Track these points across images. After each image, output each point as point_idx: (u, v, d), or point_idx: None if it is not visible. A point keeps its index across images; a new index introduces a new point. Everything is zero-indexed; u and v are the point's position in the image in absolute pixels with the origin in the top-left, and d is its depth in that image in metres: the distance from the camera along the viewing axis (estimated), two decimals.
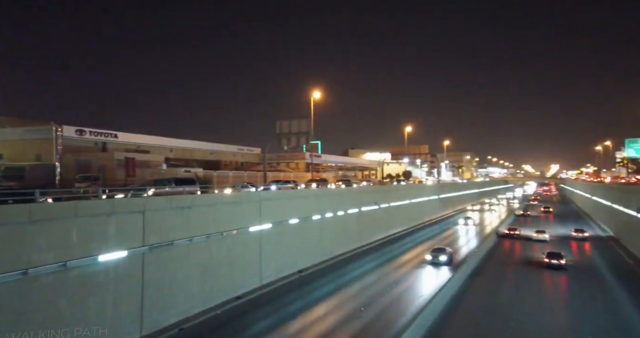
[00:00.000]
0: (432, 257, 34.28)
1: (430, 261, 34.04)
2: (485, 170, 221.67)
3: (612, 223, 50.83)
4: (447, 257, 34.01)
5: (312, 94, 46.07)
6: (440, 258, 33.83)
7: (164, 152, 57.48)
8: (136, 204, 19.43)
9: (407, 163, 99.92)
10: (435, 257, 34.21)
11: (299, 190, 35.86)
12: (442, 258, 33.83)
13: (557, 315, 22.02)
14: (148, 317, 19.30)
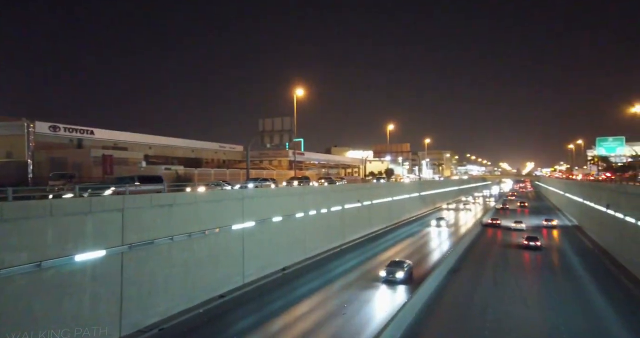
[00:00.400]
0: (387, 273, 27.78)
1: (385, 278, 27.65)
2: (465, 168, 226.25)
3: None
4: (404, 273, 27.70)
5: (295, 91, 45.91)
6: (397, 275, 27.44)
7: (143, 149, 56.18)
8: (115, 202, 18.91)
9: (389, 161, 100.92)
10: (390, 272, 27.73)
11: (283, 188, 35.66)
12: (398, 275, 27.45)
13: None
14: (127, 317, 18.88)
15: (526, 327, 19.82)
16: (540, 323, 20.19)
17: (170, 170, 40.75)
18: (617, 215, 32.50)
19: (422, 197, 76.37)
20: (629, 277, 28.31)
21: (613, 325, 19.94)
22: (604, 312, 22.02)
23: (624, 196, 31.62)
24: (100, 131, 52.46)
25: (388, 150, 78.88)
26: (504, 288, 26.65)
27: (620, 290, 26.00)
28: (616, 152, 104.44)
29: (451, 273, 29.84)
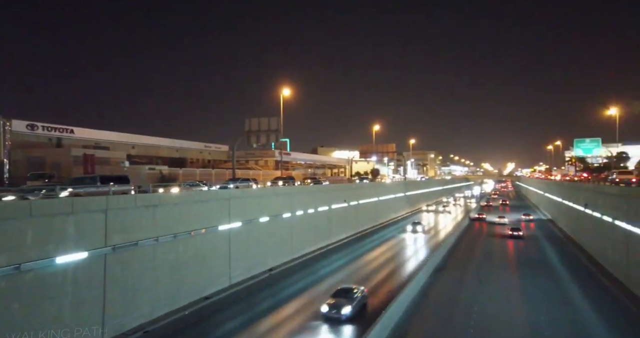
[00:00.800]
0: (330, 308, 20.64)
1: (326, 314, 20.62)
2: (448, 168, 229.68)
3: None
4: (351, 308, 20.49)
5: (281, 92, 45.74)
6: (343, 311, 20.34)
7: (125, 149, 55.09)
8: (98, 203, 18.42)
9: (375, 161, 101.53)
10: (334, 308, 20.54)
11: (270, 188, 35.35)
12: (344, 311, 20.35)
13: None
14: (110, 319, 18.42)
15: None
16: None
17: (154, 170, 40.04)
18: (595, 214, 33.47)
19: (407, 197, 77.08)
20: (590, 259, 32.95)
21: (582, 309, 22.28)
22: (574, 294, 24.48)
23: (601, 196, 32.56)
24: (80, 130, 51.20)
25: (374, 151, 79.30)
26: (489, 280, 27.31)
27: (581, 266, 31.71)
28: (593, 153, 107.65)
29: (436, 272, 30.19)
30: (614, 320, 19.77)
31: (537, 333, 18.64)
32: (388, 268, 32.15)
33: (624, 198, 26.13)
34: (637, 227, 23.25)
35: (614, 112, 52.56)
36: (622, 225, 25.67)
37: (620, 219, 26.14)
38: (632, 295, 23.40)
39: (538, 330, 18.86)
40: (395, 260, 35.38)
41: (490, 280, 27.81)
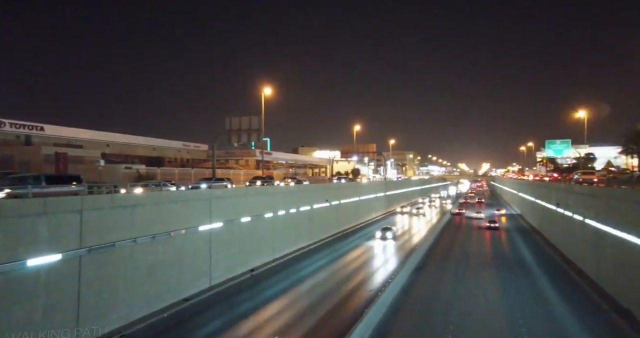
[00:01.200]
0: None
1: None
2: (426, 168, 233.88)
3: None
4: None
5: (262, 91, 45.35)
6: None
7: (100, 147, 53.47)
8: (72, 203, 17.78)
9: (355, 161, 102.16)
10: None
11: (251, 188, 34.99)
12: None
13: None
14: (85, 323, 17.81)
15: None
16: None
17: (130, 169, 39.01)
18: (566, 213, 34.73)
19: (387, 197, 77.90)
20: (562, 256, 34.82)
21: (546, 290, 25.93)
22: (548, 291, 25.62)
23: (572, 195, 33.82)
24: (51, 127, 49.38)
25: (355, 151, 79.76)
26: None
27: (552, 262, 34.12)
28: (563, 154, 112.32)
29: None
30: (586, 316, 20.52)
31: (514, 326, 19.16)
32: (370, 268, 32.37)
33: (593, 197, 27.22)
34: (605, 225, 24.25)
35: (583, 114, 54.72)
36: (592, 224, 26.74)
37: (590, 218, 27.23)
38: (602, 292, 24.35)
39: (514, 325, 19.39)
40: (377, 259, 35.66)
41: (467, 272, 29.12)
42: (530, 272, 30.32)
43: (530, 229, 55.08)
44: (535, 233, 50.81)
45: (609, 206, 23.91)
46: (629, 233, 20.54)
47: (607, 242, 24.01)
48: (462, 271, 30.49)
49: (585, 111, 54.42)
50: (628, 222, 20.88)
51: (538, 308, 21.59)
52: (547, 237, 44.45)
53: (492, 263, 33.75)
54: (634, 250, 20.02)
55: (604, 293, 23.75)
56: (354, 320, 18.68)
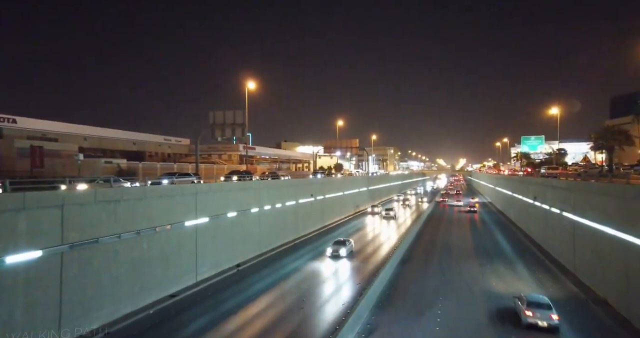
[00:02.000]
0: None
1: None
2: (406, 163, 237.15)
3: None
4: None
5: (246, 85, 44.77)
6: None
7: (77, 141, 51.74)
8: (53, 198, 17.18)
9: (338, 156, 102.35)
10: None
11: (236, 182, 34.43)
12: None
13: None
14: (68, 322, 17.36)
15: None
16: None
17: (111, 164, 37.90)
18: (544, 206, 35.87)
19: (370, 191, 78.52)
20: (539, 248, 35.94)
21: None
22: (528, 282, 25.31)
23: (550, 189, 34.88)
24: (24, 120, 47.52)
25: (338, 146, 79.88)
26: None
27: (530, 253, 34.83)
28: (537, 149, 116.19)
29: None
30: (567, 306, 21.20)
31: (499, 316, 19.70)
32: (357, 261, 32.55)
33: (570, 191, 28.16)
34: (582, 217, 25.16)
35: (556, 112, 56.38)
36: (570, 216, 27.68)
37: (568, 211, 28.17)
38: (578, 281, 25.27)
39: (499, 314, 19.93)
40: (363, 252, 35.87)
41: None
42: (511, 263, 31.15)
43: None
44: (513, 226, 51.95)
45: (586, 199, 24.79)
46: (604, 225, 21.35)
47: (584, 234, 24.90)
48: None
49: (557, 108, 56.09)
50: (603, 215, 21.68)
51: None
52: (524, 229, 45.68)
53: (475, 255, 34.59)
54: (609, 242, 20.84)
55: (582, 284, 24.65)
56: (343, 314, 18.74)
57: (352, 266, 30.83)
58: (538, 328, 17.61)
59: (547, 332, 17.54)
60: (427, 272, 28.85)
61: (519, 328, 18.14)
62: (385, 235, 45.24)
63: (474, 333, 18.11)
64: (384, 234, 45.65)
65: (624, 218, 19.11)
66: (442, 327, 18.60)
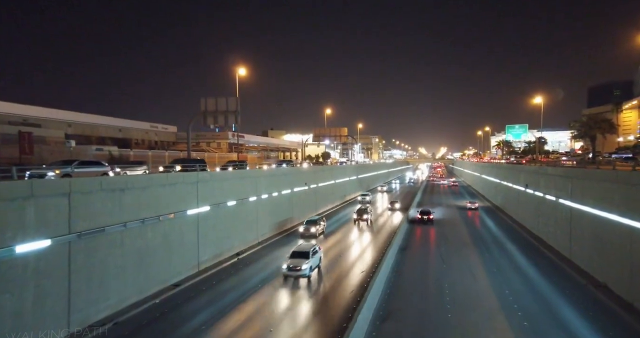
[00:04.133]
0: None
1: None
2: (390, 152, 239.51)
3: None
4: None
5: (236, 71, 43.74)
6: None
7: (60, 127, 49.73)
8: (60, 186, 16.48)
9: (326, 145, 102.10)
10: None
11: (237, 171, 33.78)
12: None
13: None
14: (77, 312, 16.93)
15: None
16: None
17: (102, 151, 36.65)
18: (537, 193, 36.87)
19: (359, 180, 78.95)
20: (531, 234, 35.10)
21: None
22: (526, 267, 26.17)
23: (544, 177, 35.82)
24: (3, 104, 45.16)
25: (327, 134, 79.55)
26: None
27: (523, 240, 35.93)
28: (521, 137, 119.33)
29: None
30: (566, 290, 21.98)
31: (505, 302, 20.28)
32: (355, 249, 32.77)
33: (568, 179, 28.96)
34: (581, 204, 25.94)
35: (539, 100, 57.42)
36: (566, 203, 28.54)
37: (565, 198, 29.03)
38: (575, 267, 26.19)
39: (506, 300, 20.51)
40: (360, 241, 36.15)
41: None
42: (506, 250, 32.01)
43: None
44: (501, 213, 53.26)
45: (586, 186, 25.52)
46: (607, 211, 21.99)
47: (582, 220, 25.70)
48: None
49: (541, 97, 56.97)
50: (606, 201, 22.30)
51: (522, 286, 22.85)
52: (514, 216, 46.96)
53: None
54: (612, 228, 21.53)
55: (580, 270, 25.52)
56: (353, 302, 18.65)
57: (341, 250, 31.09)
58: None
59: None
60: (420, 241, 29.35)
61: None
62: (380, 222, 45.65)
63: None
64: (380, 219, 46.08)
65: (629, 204, 19.58)
66: None
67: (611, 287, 21.31)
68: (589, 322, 17.65)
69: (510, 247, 32.72)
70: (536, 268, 26.47)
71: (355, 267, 27.38)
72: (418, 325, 17.69)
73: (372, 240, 36.05)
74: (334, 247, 33.42)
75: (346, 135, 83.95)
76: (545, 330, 16.99)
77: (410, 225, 41.98)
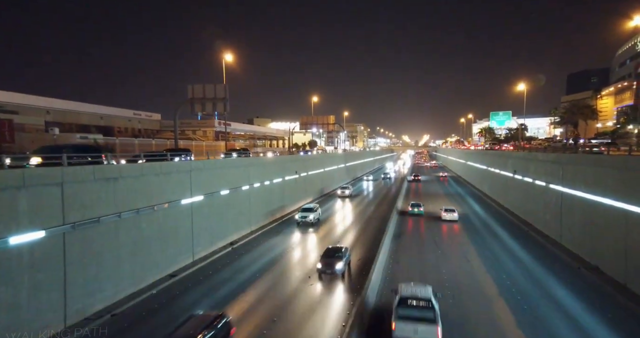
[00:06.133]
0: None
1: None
2: (374, 140, 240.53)
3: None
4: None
5: (224, 58, 42.59)
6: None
7: (39, 114, 47.51)
8: (52, 175, 15.71)
9: (312, 133, 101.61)
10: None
11: (229, 159, 33.14)
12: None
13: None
14: (73, 304, 16.42)
15: None
16: None
17: (87, 139, 35.21)
18: (526, 179, 37.57)
19: (347, 168, 78.99)
20: (519, 219, 35.29)
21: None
22: (519, 252, 25.98)
23: (533, 163, 36.45)
24: None
25: (314, 122, 79.02)
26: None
27: (513, 225, 35.10)
28: (505, 124, 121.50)
29: None
30: (561, 273, 22.56)
31: (503, 287, 20.66)
32: (351, 235, 32.82)
33: (559, 164, 29.50)
34: (573, 189, 26.48)
35: (522, 87, 58.02)
36: (557, 188, 29.14)
37: (555, 183, 29.62)
38: (566, 250, 26.87)
39: (504, 285, 20.90)
40: (354, 228, 36.20)
41: None
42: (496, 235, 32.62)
43: (483, 196, 59.01)
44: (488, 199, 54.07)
45: (578, 172, 26.02)
46: (600, 196, 22.48)
47: (574, 205, 26.29)
48: None
49: (524, 84, 57.37)
50: (599, 186, 22.77)
51: (518, 271, 23.33)
52: (502, 202, 47.86)
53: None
54: (605, 212, 22.03)
55: (571, 253, 26.17)
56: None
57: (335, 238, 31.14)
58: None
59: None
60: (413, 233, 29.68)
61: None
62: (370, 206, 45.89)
63: None
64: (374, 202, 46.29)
65: (625, 189, 20.00)
66: None
67: (603, 269, 21.97)
68: (586, 304, 18.16)
69: (502, 233, 33.33)
70: (528, 252, 27.07)
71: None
72: None
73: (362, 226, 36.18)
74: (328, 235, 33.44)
75: (334, 123, 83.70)
76: (545, 313, 17.40)
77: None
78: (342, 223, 38.13)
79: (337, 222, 38.66)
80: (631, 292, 19.05)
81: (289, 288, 21.10)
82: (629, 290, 19.25)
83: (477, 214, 42.38)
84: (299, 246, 29.95)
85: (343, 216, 42.20)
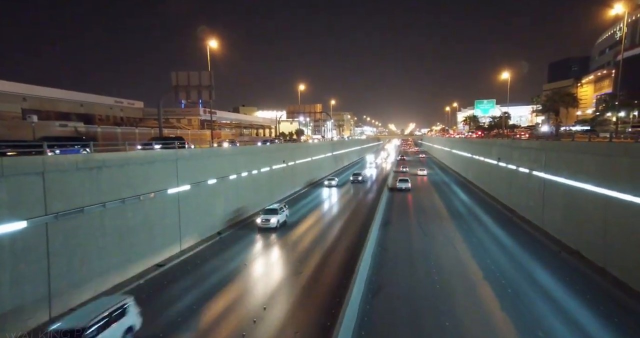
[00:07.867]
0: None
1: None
2: (361, 129, 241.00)
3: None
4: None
5: (208, 45, 41.59)
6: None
7: (14, 100, 45.78)
8: (32, 164, 15.22)
9: (299, 122, 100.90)
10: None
11: (215, 148, 32.71)
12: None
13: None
14: (58, 295, 16.14)
15: None
16: None
17: (66, 127, 34.19)
18: (510, 166, 38.26)
19: (334, 157, 79.07)
20: (505, 206, 35.81)
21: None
22: (503, 238, 26.35)
23: (517, 150, 37.06)
24: None
25: (301, 111, 78.37)
26: None
27: (498, 212, 33.41)
28: (489, 112, 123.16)
29: None
30: (544, 258, 23.20)
31: (488, 271, 21.15)
32: (338, 225, 33.00)
33: (542, 151, 30.06)
34: (555, 176, 27.08)
35: (507, 75, 58.64)
36: (540, 175, 29.77)
37: (538, 170, 30.23)
38: (548, 235, 27.61)
39: (488, 269, 21.40)
40: (341, 217, 36.40)
41: None
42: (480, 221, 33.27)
43: (467, 183, 59.41)
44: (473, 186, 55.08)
45: (560, 159, 26.57)
46: (582, 182, 23.06)
47: (556, 191, 26.91)
48: None
49: (507, 72, 57.90)
50: (580, 172, 23.33)
51: (502, 255, 23.89)
52: (486, 189, 48.74)
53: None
54: (586, 198, 22.64)
55: (552, 238, 26.89)
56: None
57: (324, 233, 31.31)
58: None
59: None
60: None
61: None
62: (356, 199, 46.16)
63: None
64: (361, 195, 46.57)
65: (606, 175, 20.51)
66: None
67: (583, 253, 22.67)
68: (566, 287, 18.74)
69: (486, 219, 33.99)
70: (512, 237, 27.70)
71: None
72: (407, 296, 18.15)
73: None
74: None
75: (321, 111, 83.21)
76: (527, 295, 17.90)
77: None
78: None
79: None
80: (610, 274, 19.73)
81: (279, 277, 21.18)
82: (608, 273, 19.93)
83: (464, 202, 43.10)
84: (287, 238, 29.87)
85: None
